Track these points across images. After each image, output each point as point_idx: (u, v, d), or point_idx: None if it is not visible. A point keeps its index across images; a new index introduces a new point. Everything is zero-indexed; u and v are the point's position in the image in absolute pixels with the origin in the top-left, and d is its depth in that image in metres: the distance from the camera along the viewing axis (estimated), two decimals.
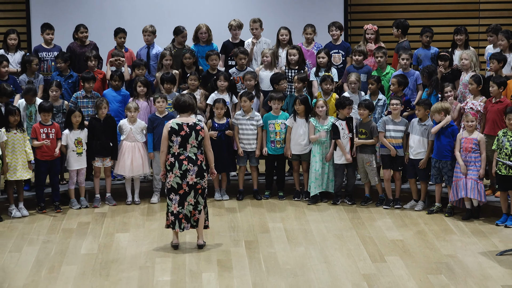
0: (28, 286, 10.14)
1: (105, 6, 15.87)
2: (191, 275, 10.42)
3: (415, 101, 13.20)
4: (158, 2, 15.14)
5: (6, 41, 14.21)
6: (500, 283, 10.04)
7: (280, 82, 13.54)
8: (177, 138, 10.83)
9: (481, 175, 12.06)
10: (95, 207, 13.27)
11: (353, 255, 11.07)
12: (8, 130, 12.53)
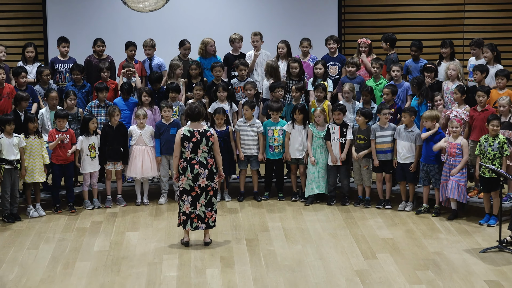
0: (44, 281, 10.16)
1: (117, 21, 15.89)
2: (196, 271, 10.43)
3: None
4: (164, 18, 15.16)
5: (24, 54, 14.24)
6: (483, 278, 10.05)
7: (275, 90, 13.60)
8: (189, 144, 10.90)
9: (453, 173, 12.13)
10: (107, 208, 13.29)
11: (346, 252, 11.09)
12: (27, 136, 12.57)
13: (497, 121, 11.76)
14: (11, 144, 12.37)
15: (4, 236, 11.92)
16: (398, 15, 16.83)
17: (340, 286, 9.91)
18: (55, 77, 14.02)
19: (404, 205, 12.99)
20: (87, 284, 10.03)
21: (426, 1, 16.86)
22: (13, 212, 12.59)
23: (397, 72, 13.61)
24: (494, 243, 11.14)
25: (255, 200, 13.61)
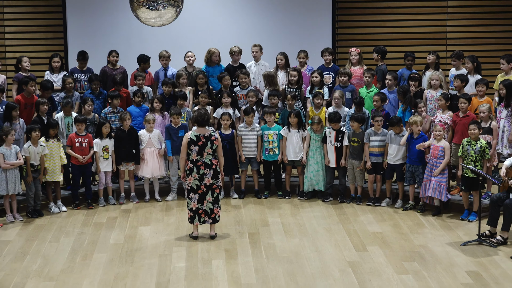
0: (65, 271, 10.18)
1: (131, 34, 15.88)
2: (202, 262, 10.45)
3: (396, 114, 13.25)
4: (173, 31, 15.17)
5: (51, 64, 14.26)
6: (464, 269, 10.08)
7: (270, 98, 13.67)
8: (195, 148, 11.00)
9: (435, 174, 12.18)
10: (121, 204, 13.30)
11: (339, 245, 11.10)
12: (47, 139, 12.61)
13: (474, 125, 11.81)
14: (36, 152, 12.42)
15: (28, 230, 11.94)
16: (387, 29, 16.85)
17: (334, 276, 9.92)
18: (75, 86, 14.04)
19: (387, 201, 13.05)
20: (103, 274, 10.05)
21: (412, 17, 16.88)
22: (36, 209, 12.60)
23: (388, 81, 13.65)
24: (474, 237, 11.16)
25: (256, 198, 13.62)
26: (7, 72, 14.75)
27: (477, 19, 16.89)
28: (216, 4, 16.46)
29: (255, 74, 14.57)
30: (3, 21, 16.41)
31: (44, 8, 16.40)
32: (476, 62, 13.61)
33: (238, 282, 9.73)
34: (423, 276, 9.85)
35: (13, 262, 10.54)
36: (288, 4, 16.50)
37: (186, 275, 10.00)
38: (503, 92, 12.67)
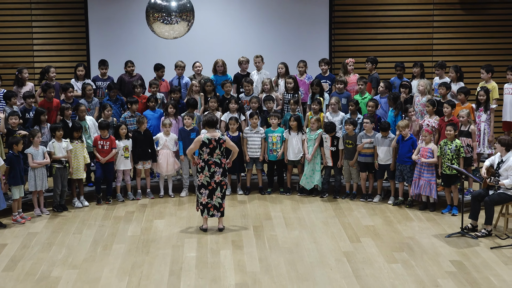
0: (87, 260, 10.20)
1: (147, 46, 15.91)
2: (211, 252, 10.46)
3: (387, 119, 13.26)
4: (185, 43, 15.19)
5: (76, 72, 14.29)
6: (448, 258, 10.08)
7: (265, 102, 13.77)
8: (207, 149, 11.13)
9: (413, 158, 12.34)
10: (138, 200, 13.31)
11: (335, 237, 11.11)
12: (72, 141, 12.63)
13: (450, 127, 11.96)
14: (61, 147, 12.46)
15: (54, 223, 11.96)
16: (379, 41, 16.85)
17: (331, 265, 9.93)
18: (96, 93, 14.06)
19: (379, 197, 13.06)
20: (122, 263, 10.06)
21: (401, 30, 16.88)
22: (61, 203, 12.63)
23: (381, 88, 13.67)
24: (457, 230, 11.17)
25: (260, 194, 13.62)
26: (35, 80, 14.77)
27: (460, 33, 16.89)
28: (223, 19, 16.48)
29: (256, 82, 14.57)
30: (31, 34, 16.44)
31: (69, 22, 16.43)
32: (459, 72, 13.63)
33: (243, 270, 9.74)
34: (411, 265, 9.85)
35: (40, 252, 10.57)
36: (289, 18, 16.50)
37: (196, 263, 10.01)
38: (482, 98, 12.69)
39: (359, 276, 9.52)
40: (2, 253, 10.51)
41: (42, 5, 16.26)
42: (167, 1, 11.82)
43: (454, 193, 12.13)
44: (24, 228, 11.72)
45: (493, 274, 9.54)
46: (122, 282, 9.40)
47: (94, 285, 9.32)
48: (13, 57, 16.29)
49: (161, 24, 11.87)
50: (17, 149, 12.00)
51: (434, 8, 16.85)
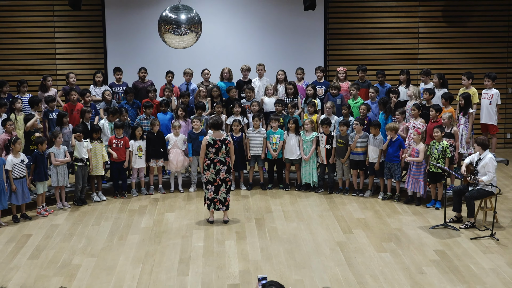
0: (104, 249, 10.22)
1: (158, 55, 15.93)
2: (217, 242, 10.48)
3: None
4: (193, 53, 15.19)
5: (94, 79, 14.30)
6: (432, 248, 10.09)
7: (275, 105, 13.72)
8: (212, 149, 11.13)
9: (405, 157, 12.35)
10: (150, 195, 13.32)
11: (330, 228, 11.12)
12: (91, 141, 12.65)
13: (437, 129, 11.98)
14: (81, 146, 12.48)
15: (74, 216, 11.98)
16: (369, 51, 16.85)
17: (325, 254, 9.94)
18: (112, 97, 14.08)
19: (369, 193, 13.04)
20: (136, 252, 10.08)
21: (390, 41, 16.88)
22: (81, 198, 12.65)
23: (371, 94, 13.69)
24: (441, 222, 11.17)
25: (262, 189, 13.61)
26: (58, 86, 14.79)
27: (443, 43, 16.90)
28: (228, 31, 16.48)
29: (258, 87, 14.57)
30: (54, 45, 16.46)
31: (88, 34, 16.46)
32: (442, 78, 13.64)
33: (246, 259, 9.75)
34: (398, 254, 9.86)
35: (62, 242, 10.59)
36: (287, 30, 16.51)
37: (204, 252, 10.03)
38: (462, 103, 12.73)
39: (351, 264, 9.53)
40: (28, 243, 10.54)
41: (64, 18, 16.28)
42: (177, 14, 11.85)
43: (439, 189, 12.13)
44: (47, 220, 11.74)
45: (473, 262, 9.55)
46: (136, 269, 9.42)
47: (110, 272, 9.34)
48: (38, 65, 16.31)
49: (172, 35, 11.89)
50: (42, 149, 12.03)
51: (419, 21, 16.85)
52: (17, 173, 11.54)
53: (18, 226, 11.44)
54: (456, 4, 16.60)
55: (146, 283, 8.95)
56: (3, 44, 16.28)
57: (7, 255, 10.04)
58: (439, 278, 8.99)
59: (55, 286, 5.04)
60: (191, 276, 9.16)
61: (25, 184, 11.72)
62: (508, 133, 16.82)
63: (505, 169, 14.34)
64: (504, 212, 11.74)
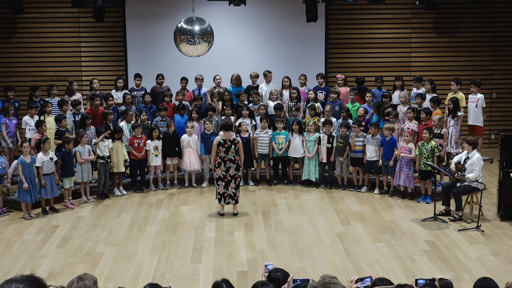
0: (125, 239, 10.25)
1: (174, 62, 15.92)
2: (227, 233, 10.49)
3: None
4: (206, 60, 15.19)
5: (116, 84, 14.31)
6: (423, 239, 10.09)
7: (274, 109, 13.74)
8: (223, 148, 11.16)
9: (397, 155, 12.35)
10: (166, 189, 13.33)
11: (330, 221, 11.12)
12: (113, 141, 12.68)
13: (426, 130, 12.03)
14: (103, 145, 12.51)
15: (97, 208, 12.01)
16: (366, 59, 16.82)
17: (326, 244, 9.95)
18: (132, 101, 14.10)
19: (366, 188, 13.03)
20: (153, 241, 10.10)
21: (385, 50, 16.85)
22: (104, 192, 12.68)
23: (369, 98, 13.69)
24: (431, 215, 11.17)
25: (268, 185, 13.61)
26: (83, 91, 14.83)
27: (433, 52, 16.87)
28: (238, 41, 16.48)
29: (266, 92, 14.58)
30: (80, 53, 16.49)
31: (110, 43, 16.48)
32: (432, 84, 13.67)
33: (254, 248, 9.77)
34: (392, 244, 9.87)
35: (86, 232, 10.62)
36: (292, 40, 16.49)
37: (215, 242, 10.05)
38: (451, 107, 12.73)
39: (349, 253, 9.54)
40: (55, 233, 10.58)
41: (88, 29, 16.31)
42: (192, 26, 11.86)
43: (429, 185, 12.14)
44: (73, 212, 11.78)
45: (460, 252, 9.55)
46: (153, 257, 9.44)
47: (130, 259, 9.36)
48: (64, 72, 16.35)
49: (187, 44, 11.90)
50: (68, 148, 12.07)
51: (412, 32, 16.83)
52: (46, 169, 11.60)
53: (46, 218, 11.48)
54: (445, 17, 16.57)
55: (163, 270, 8.97)
56: (34, 53, 16.33)
57: (36, 244, 10.08)
58: (429, 266, 8.99)
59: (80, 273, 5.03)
60: (203, 264, 9.18)
61: (54, 179, 11.77)
62: (493, 134, 16.77)
63: (490, 167, 14.32)
64: (489, 206, 11.72)
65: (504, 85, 16.83)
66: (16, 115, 13.17)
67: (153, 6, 16.15)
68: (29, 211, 11.48)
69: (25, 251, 9.77)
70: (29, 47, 16.34)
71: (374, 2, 13.86)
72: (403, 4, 16.62)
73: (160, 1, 16.10)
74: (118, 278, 8.66)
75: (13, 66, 16.31)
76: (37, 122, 12.33)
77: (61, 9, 16.11)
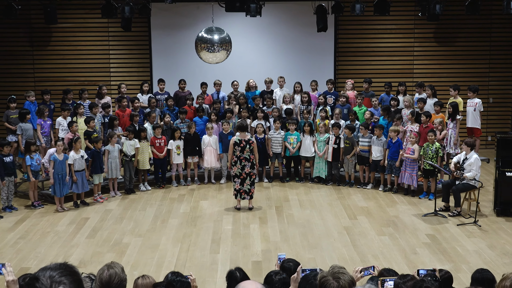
0: (149, 230, 10.28)
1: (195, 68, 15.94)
2: (243, 226, 10.50)
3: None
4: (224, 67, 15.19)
5: (141, 88, 14.35)
6: (424, 232, 10.05)
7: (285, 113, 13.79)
8: (238, 148, 11.15)
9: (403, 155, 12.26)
10: (187, 185, 13.34)
11: (338, 215, 11.09)
12: (140, 140, 12.71)
13: (431, 133, 11.95)
14: (129, 145, 12.54)
15: (124, 202, 12.05)
16: (372, 66, 16.74)
17: (334, 236, 9.93)
18: (156, 104, 14.12)
19: (371, 185, 12.98)
20: (175, 233, 10.13)
21: (390, 57, 16.77)
22: (130, 187, 12.71)
23: (374, 102, 13.66)
24: (432, 211, 11.12)
25: (281, 182, 13.59)
26: (111, 94, 14.89)
27: (435, 59, 16.77)
28: (254, 49, 16.47)
29: (279, 96, 14.57)
30: (109, 59, 16.55)
31: (137, 50, 16.52)
32: (433, 90, 13.63)
33: (267, 240, 9.77)
34: (396, 237, 9.83)
35: (114, 224, 10.67)
36: (303, 48, 16.44)
37: (232, 234, 10.06)
38: (450, 110, 12.68)
39: (356, 245, 9.51)
40: (86, 225, 10.63)
41: (117, 37, 16.37)
42: (211, 35, 11.89)
43: (432, 183, 12.05)
44: (102, 206, 11.83)
45: (459, 245, 9.50)
46: (175, 247, 9.47)
47: (154, 249, 9.39)
48: (95, 77, 16.42)
49: (206, 52, 11.93)
50: (98, 147, 12.12)
51: (414, 41, 16.75)
52: (77, 166, 11.66)
53: (78, 211, 11.54)
54: (445, 27, 16.48)
55: (184, 259, 8.99)
56: (67, 59, 16.41)
57: (68, 234, 10.14)
58: (430, 258, 8.96)
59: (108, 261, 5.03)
60: (221, 254, 9.19)
61: (84, 175, 11.82)
62: (490, 136, 16.66)
63: (487, 166, 14.23)
64: (486, 203, 11.65)
65: (500, 91, 16.72)
66: (51, 117, 13.26)
67: (176, 16, 16.18)
68: (62, 205, 11.55)
69: (58, 241, 9.83)
70: (63, 55, 16.43)
71: (380, 13, 13.79)
72: (407, 15, 16.55)
73: (183, 12, 16.13)
74: (143, 266, 8.69)
75: (48, 71, 16.41)
76: (69, 123, 12.40)
77: (92, 19, 16.18)
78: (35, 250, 9.46)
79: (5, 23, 15.32)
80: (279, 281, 4.89)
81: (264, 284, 4.10)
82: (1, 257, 9.10)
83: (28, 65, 16.39)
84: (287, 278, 4.86)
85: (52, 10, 14.67)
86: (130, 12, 13.96)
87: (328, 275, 3.87)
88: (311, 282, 4.26)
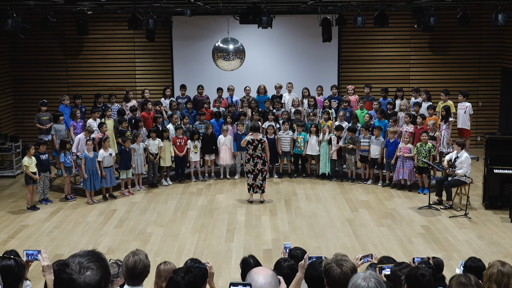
0: (170, 221, 10.31)
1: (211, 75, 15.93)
2: (255, 217, 10.50)
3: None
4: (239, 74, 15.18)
5: (164, 93, 14.38)
6: (419, 224, 10.01)
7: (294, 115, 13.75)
8: (251, 147, 11.16)
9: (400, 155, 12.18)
10: (205, 181, 13.35)
11: (341, 208, 11.07)
12: (162, 140, 12.73)
13: (424, 133, 11.94)
14: (153, 144, 12.56)
15: (148, 196, 12.08)
16: (373, 72, 16.67)
17: (337, 227, 9.92)
18: (178, 107, 14.14)
19: (371, 181, 12.92)
20: (194, 224, 10.15)
21: (388, 65, 16.70)
22: (153, 182, 12.74)
23: (375, 106, 13.60)
24: (426, 204, 11.07)
25: (289, 177, 13.57)
26: (136, 98, 14.92)
27: (429, 67, 16.67)
28: (265, 57, 16.43)
29: (288, 100, 14.55)
30: (135, 67, 16.59)
31: (159, 58, 16.54)
32: (428, 94, 13.59)
33: (277, 230, 9.76)
34: (393, 228, 9.80)
35: (139, 215, 10.71)
36: (310, 56, 16.38)
37: (245, 225, 10.06)
38: (443, 113, 12.63)
39: (357, 235, 9.49)
40: (113, 216, 10.68)
41: (142, 47, 16.40)
42: (227, 45, 11.88)
43: (425, 179, 12.00)
44: (128, 199, 11.88)
45: (451, 235, 9.46)
46: (194, 237, 9.49)
47: (175, 238, 9.42)
48: (122, 82, 16.46)
49: (222, 60, 11.93)
50: (127, 146, 12.15)
51: (411, 50, 16.66)
52: (106, 163, 11.70)
53: (106, 203, 11.59)
54: (439, 38, 16.38)
55: (202, 247, 9.01)
56: (97, 67, 16.47)
57: (98, 225, 10.19)
58: (424, 247, 8.92)
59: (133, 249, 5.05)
60: (235, 243, 9.20)
61: (112, 171, 11.87)
62: (479, 137, 16.54)
63: (476, 164, 14.13)
64: (475, 197, 11.58)
65: (489, 95, 16.61)
66: (83, 118, 13.32)
67: (195, 28, 16.19)
68: (92, 198, 11.60)
69: (89, 231, 9.88)
70: (93, 62, 16.49)
71: (379, 25, 13.72)
72: (404, 26, 16.47)
73: (201, 24, 16.14)
74: (165, 253, 8.72)
75: (80, 78, 16.47)
76: (99, 124, 12.46)
77: (119, 31, 16.22)
78: (68, 238, 9.51)
79: (42, 34, 15.40)
80: (287, 267, 4.89)
81: (274, 270, 4.10)
82: (37, 244, 9.16)
83: (62, 72, 16.46)
84: (295, 265, 4.86)
85: (84, 23, 14.78)
86: (154, 24, 13.97)
87: (332, 262, 3.86)
88: (317, 268, 4.26)
